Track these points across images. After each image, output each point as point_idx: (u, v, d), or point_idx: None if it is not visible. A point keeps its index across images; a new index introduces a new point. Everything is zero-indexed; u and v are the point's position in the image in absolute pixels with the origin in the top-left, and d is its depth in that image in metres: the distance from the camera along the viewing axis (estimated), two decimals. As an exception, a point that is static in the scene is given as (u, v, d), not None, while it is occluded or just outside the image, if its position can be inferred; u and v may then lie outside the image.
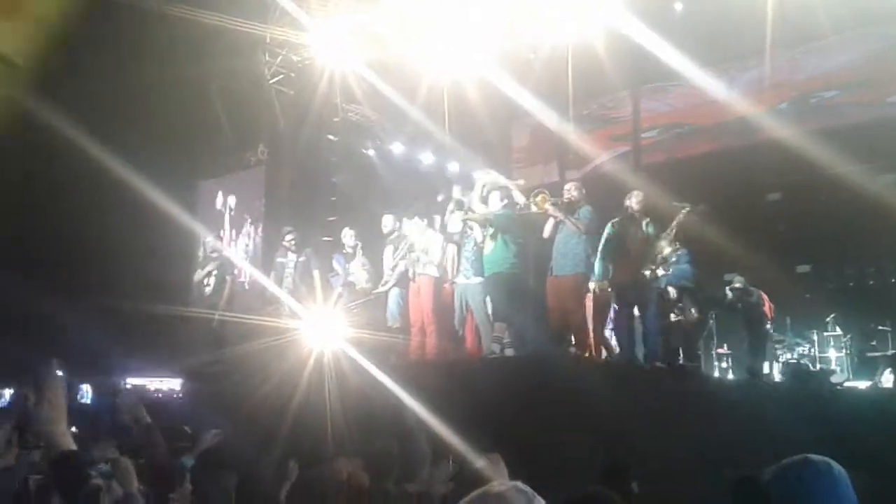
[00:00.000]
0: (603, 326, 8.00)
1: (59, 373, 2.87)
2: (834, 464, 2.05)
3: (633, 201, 7.67)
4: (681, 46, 10.23)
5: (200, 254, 9.47)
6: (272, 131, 13.07)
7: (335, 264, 9.57)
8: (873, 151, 9.97)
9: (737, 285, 9.15)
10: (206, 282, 9.31)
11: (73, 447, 2.29)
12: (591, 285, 7.74)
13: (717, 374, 9.64)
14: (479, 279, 7.83)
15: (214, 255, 9.48)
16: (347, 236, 9.46)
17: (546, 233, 7.57)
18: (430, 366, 7.72)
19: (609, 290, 7.67)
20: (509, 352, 7.41)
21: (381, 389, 6.33)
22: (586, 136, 12.52)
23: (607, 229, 7.66)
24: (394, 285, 8.83)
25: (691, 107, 12.22)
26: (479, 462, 4.01)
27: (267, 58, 12.59)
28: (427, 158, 13.67)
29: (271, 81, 12.76)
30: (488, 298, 7.81)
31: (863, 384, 8.98)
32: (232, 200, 13.62)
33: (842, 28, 10.24)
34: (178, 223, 10.44)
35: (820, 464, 2.04)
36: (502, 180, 8.27)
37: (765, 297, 9.17)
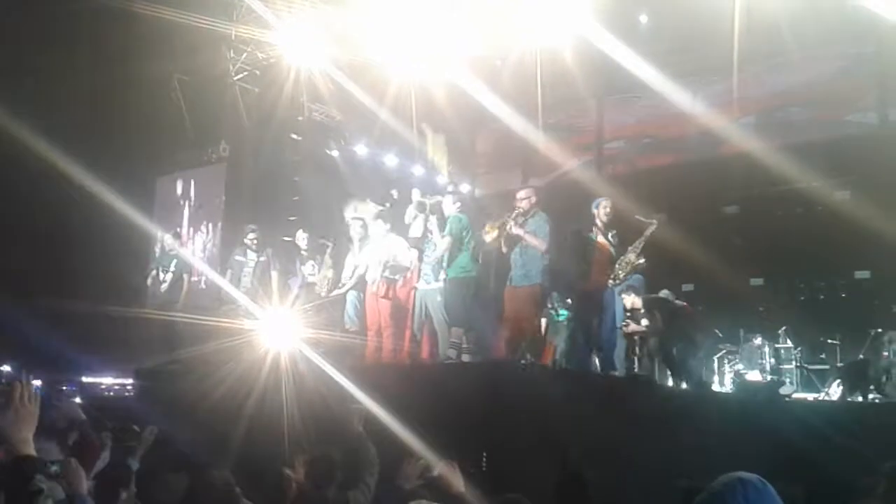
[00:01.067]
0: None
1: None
2: (766, 482, 2.13)
3: (602, 212, 7.72)
4: (647, 58, 10.46)
5: (157, 251, 9.36)
6: (235, 129, 13.03)
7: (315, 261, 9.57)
8: (830, 168, 10.28)
9: (661, 297, 9.34)
10: (161, 278, 9.26)
11: (31, 452, 2.35)
12: None
13: (669, 383, 9.83)
14: (440, 284, 7.90)
15: (172, 252, 9.40)
16: (301, 239, 9.49)
17: (504, 248, 7.58)
18: (385, 369, 7.78)
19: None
20: (466, 357, 7.48)
21: (337, 391, 6.35)
22: (552, 144, 12.66)
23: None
24: (351, 288, 8.87)
25: (656, 119, 12.45)
26: (437, 467, 4.08)
27: (231, 54, 12.56)
28: (391, 160, 13.74)
29: (235, 78, 12.74)
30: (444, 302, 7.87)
31: (811, 396, 9.24)
32: (191, 197, 13.54)
33: (806, 46, 10.54)
34: (134, 221, 10.36)
35: (756, 482, 2.12)
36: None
37: (689, 308, 9.34)
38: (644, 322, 8.56)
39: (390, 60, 11.53)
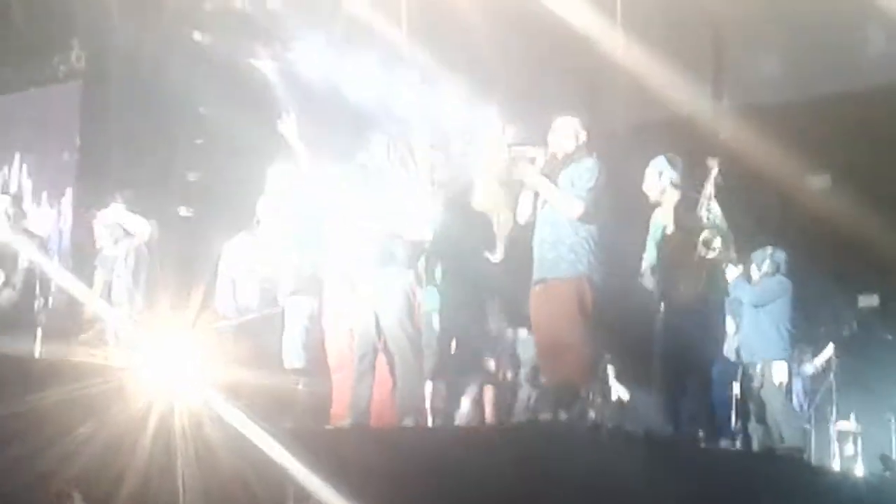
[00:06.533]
0: None
1: None
2: None
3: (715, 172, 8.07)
4: None
5: None
6: (95, 25, 13.10)
7: (236, 249, 9.64)
8: None
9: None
10: (9, 279, 9.72)
11: None
12: None
13: (837, 463, 10.03)
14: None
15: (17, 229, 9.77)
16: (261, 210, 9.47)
17: (522, 215, 7.79)
18: (355, 434, 7.89)
19: None
20: None
21: (270, 474, 6.49)
22: (638, 61, 12.63)
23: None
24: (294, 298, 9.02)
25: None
26: None
27: None
28: (365, 80, 13.79)
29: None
30: None
31: None
32: (24, 141, 13.64)
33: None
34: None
35: None
36: None
37: None
38: None
39: None
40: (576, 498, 6.00)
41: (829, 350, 10.77)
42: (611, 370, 10.31)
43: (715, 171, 8.08)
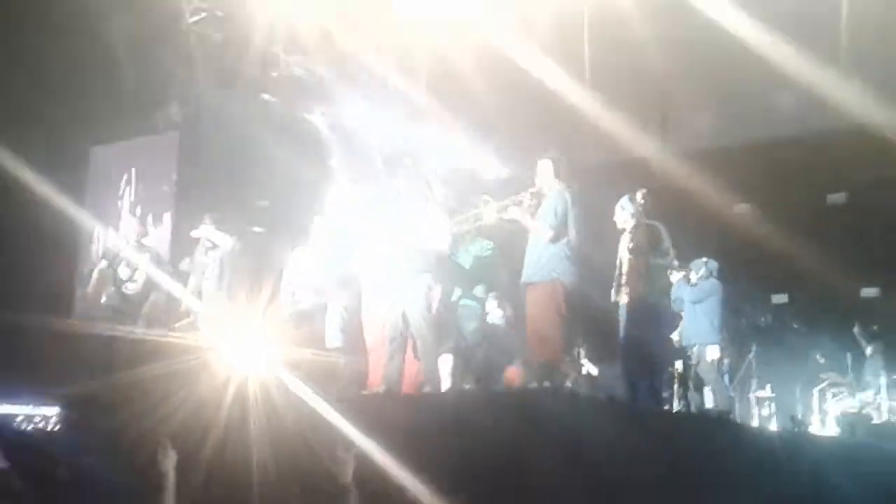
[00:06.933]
0: None
1: None
2: None
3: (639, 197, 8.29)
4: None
5: (106, 242, 9.82)
6: (189, 87, 13.19)
7: (296, 259, 9.76)
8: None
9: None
10: (125, 276, 10.00)
11: None
12: None
13: (756, 422, 10.08)
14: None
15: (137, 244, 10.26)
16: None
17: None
18: (387, 400, 7.93)
19: None
20: None
21: (324, 431, 6.52)
22: (604, 114, 12.69)
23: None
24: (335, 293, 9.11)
25: (741, 83, 12.55)
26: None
27: (186, -10, 12.72)
28: (392, 129, 13.85)
29: (191, 21, 12.86)
30: None
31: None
32: (132, 176, 13.73)
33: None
34: (59, 204, 10.63)
35: None
36: None
37: None
38: None
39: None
40: (556, 447, 6.03)
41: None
42: (583, 351, 10.48)
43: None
